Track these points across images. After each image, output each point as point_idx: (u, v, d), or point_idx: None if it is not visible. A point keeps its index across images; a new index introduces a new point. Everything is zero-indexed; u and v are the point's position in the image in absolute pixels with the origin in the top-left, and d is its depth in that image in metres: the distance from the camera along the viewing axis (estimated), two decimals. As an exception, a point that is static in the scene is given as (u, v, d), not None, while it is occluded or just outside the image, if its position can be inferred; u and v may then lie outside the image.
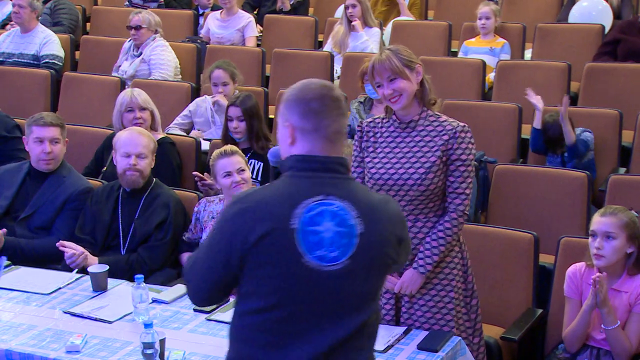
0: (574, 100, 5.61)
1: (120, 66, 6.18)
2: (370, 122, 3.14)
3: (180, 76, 6.21)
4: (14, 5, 6.30)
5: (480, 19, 6.31)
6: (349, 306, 2.09)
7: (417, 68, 3.01)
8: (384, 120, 3.11)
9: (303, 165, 2.11)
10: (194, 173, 4.31)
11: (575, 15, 6.50)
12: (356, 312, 2.10)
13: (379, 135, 3.09)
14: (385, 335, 2.95)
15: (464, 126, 3.00)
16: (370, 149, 3.09)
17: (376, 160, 3.05)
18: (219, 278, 2.11)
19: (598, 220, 3.17)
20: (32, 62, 6.32)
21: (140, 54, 6.09)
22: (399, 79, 2.97)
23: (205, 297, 2.20)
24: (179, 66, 6.20)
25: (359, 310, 2.11)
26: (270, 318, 2.06)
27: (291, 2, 7.31)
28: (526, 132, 5.03)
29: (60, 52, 6.39)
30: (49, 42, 6.34)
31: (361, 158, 3.12)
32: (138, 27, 6.08)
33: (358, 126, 3.16)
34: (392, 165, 3.01)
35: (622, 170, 4.75)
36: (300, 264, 2.03)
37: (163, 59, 6.06)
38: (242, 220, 2.05)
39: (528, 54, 6.41)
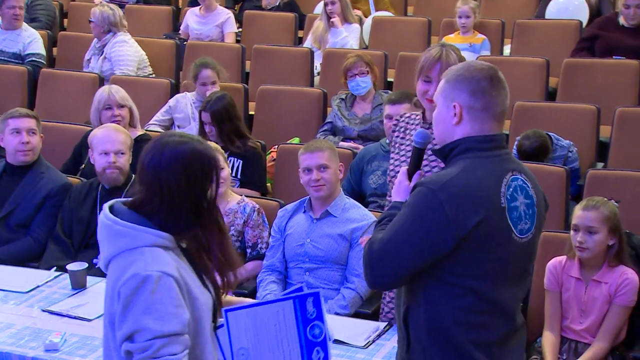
0: (552, 96, 5.65)
1: (89, 60, 6.13)
2: (406, 117, 3.05)
3: (150, 69, 6.11)
4: (12, 7, 6.19)
5: (460, 17, 6.29)
6: (528, 271, 2.26)
7: None
8: (417, 117, 3.00)
9: (486, 146, 2.15)
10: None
11: (552, 11, 6.53)
12: (530, 274, 2.30)
13: (407, 132, 3.01)
14: (365, 330, 2.95)
15: None
16: (397, 145, 3.03)
17: (400, 154, 2.99)
18: (419, 265, 2.10)
19: (580, 215, 3.19)
20: (12, 59, 6.24)
21: (103, 52, 6.01)
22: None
23: (394, 283, 2.19)
24: (146, 59, 6.09)
25: (531, 272, 2.30)
26: (480, 296, 2.10)
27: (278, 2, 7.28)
28: (505, 128, 5.04)
29: (44, 51, 6.33)
30: (34, 41, 6.26)
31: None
32: (89, 21, 6.05)
33: (396, 119, 3.09)
34: None
35: (600, 165, 4.78)
36: (511, 239, 2.13)
37: (122, 54, 5.93)
38: (454, 208, 2.04)
39: (507, 50, 6.43)
